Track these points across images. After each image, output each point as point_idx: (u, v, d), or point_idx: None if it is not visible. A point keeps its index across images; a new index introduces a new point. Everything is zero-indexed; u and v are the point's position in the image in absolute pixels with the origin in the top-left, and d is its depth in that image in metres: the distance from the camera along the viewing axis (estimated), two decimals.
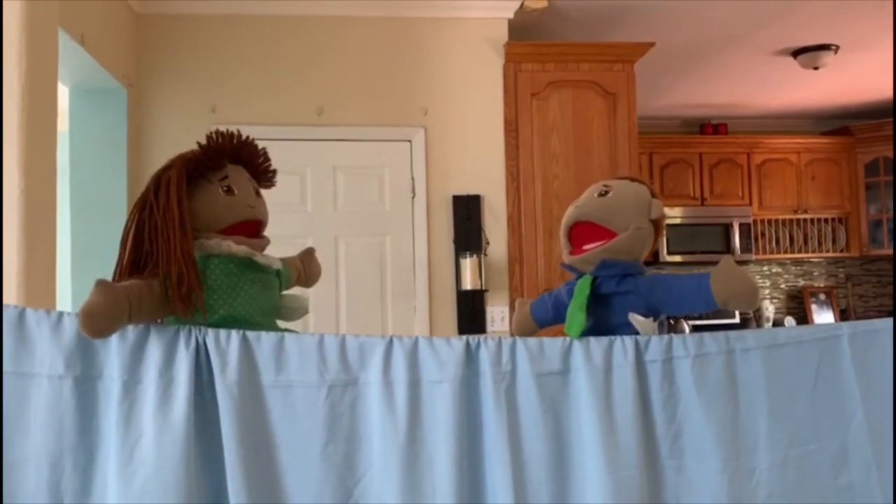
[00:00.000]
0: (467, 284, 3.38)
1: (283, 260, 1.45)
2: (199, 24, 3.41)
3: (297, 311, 1.43)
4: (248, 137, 1.40)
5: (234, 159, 1.37)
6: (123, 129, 3.22)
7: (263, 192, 1.43)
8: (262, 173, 1.43)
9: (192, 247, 1.25)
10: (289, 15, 3.45)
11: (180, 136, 3.33)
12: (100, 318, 1.13)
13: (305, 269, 1.54)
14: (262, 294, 1.32)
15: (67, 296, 3.01)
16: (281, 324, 1.40)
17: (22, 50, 2.01)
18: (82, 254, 3.12)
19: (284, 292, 1.44)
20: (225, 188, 1.32)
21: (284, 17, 3.45)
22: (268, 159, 1.43)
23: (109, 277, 1.24)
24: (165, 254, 1.22)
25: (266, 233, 1.42)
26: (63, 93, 2.98)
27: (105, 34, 2.99)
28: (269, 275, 1.36)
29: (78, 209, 3.17)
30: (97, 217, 3.17)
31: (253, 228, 1.36)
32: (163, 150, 3.55)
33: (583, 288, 1.41)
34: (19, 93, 2.01)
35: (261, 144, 1.45)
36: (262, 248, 1.36)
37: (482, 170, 3.51)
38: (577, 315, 1.32)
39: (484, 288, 3.41)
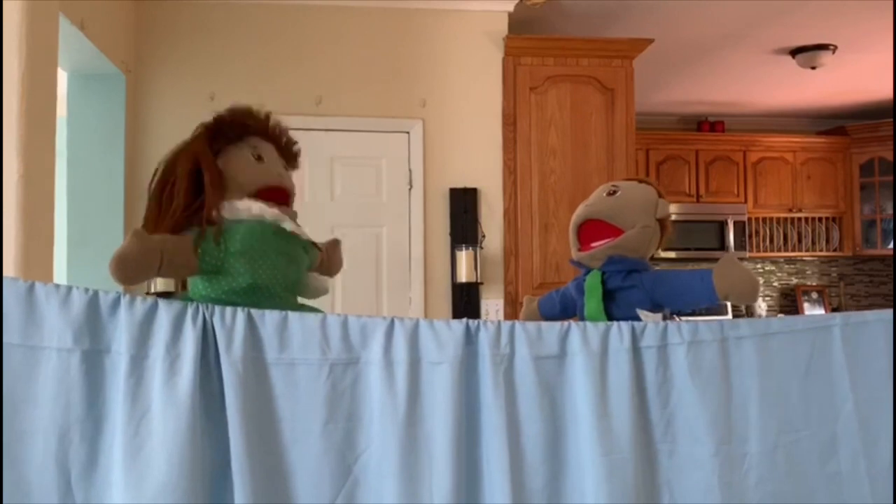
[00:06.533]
0: (462, 277, 3.39)
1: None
2: (198, 11, 3.41)
3: (318, 290, 1.47)
4: (275, 117, 1.43)
5: (262, 135, 1.40)
6: (121, 114, 3.22)
7: None
8: (289, 154, 1.45)
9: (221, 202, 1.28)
10: (289, 4, 3.45)
11: (178, 122, 3.33)
12: (131, 265, 1.16)
13: (330, 257, 1.56)
14: (286, 266, 1.34)
15: (63, 281, 3.01)
16: (300, 301, 1.42)
17: (22, 35, 2.01)
18: (78, 239, 3.12)
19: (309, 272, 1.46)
20: (256, 155, 1.35)
21: (285, 5, 3.45)
22: (295, 141, 1.46)
23: (105, 261, 1.23)
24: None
25: None
26: (61, 77, 2.97)
27: (105, 20, 2.99)
28: (295, 247, 1.37)
29: (75, 194, 3.17)
30: (94, 202, 3.18)
31: (282, 196, 1.38)
32: (160, 136, 3.56)
33: (595, 285, 1.46)
34: (19, 78, 2.01)
35: None
36: (292, 217, 1.37)
37: (479, 163, 3.53)
38: (597, 318, 1.38)
39: (479, 281, 3.43)
